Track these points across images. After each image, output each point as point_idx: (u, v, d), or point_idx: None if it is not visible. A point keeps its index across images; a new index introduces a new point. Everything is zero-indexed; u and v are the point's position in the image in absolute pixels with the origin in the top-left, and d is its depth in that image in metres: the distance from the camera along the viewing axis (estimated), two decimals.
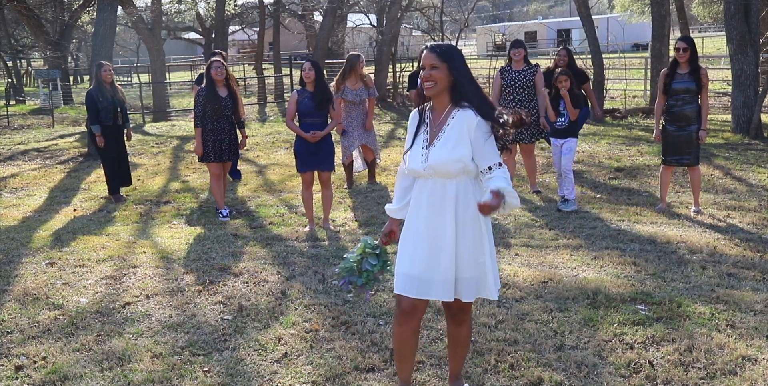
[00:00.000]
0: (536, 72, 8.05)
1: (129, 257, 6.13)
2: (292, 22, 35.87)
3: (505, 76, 8.07)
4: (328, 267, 5.64)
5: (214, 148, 7.39)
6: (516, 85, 8.00)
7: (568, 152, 7.43)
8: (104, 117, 8.54)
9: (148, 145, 13.34)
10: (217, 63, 7.33)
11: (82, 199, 8.97)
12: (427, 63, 3.17)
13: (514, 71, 8.07)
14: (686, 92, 6.98)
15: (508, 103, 8.03)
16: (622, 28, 31.66)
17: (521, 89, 8.00)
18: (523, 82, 7.98)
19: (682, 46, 6.94)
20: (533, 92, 8.02)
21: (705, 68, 7.09)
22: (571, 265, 5.59)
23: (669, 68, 7.11)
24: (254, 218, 7.63)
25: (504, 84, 8.07)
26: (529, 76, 8.01)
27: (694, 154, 7.13)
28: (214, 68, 7.29)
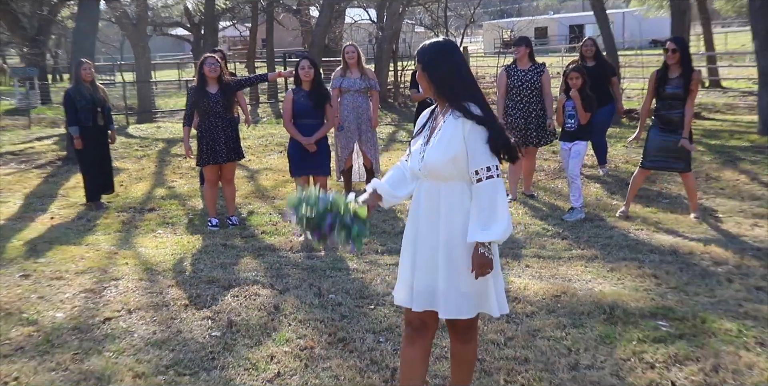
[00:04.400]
0: (543, 72, 8.03)
1: (110, 269, 6.10)
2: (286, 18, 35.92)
3: (511, 75, 8.07)
4: (325, 280, 5.61)
5: (208, 149, 7.33)
6: (523, 86, 7.98)
7: (576, 156, 7.40)
8: (83, 118, 8.53)
9: (132, 148, 13.33)
10: (211, 59, 7.32)
11: (60, 206, 8.95)
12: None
13: (519, 70, 8.06)
14: (674, 98, 7.01)
15: (516, 104, 8.02)
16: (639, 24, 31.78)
17: (528, 90, 7.98)
18: (530, 82, 7.97)
19: (671, 47, 6.95)
20: (540, 93, 8.01)
21: (698, 71, 7.10)
22: (585, 277, 5.56)
23: (661, 71, 7.11)
24: (245, 226, 7.60)
25: (510, 84, 8.06)
26: (536, 76, 7.99)
27: (685, 160, 7.16)
28: (208, 64, 7.26)
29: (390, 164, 10.55)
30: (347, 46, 8.66)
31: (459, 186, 3.15)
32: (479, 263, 3.04)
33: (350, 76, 8.56)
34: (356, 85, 8.52)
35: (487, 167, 3.06)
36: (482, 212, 3.04)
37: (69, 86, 8.88)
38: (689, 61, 7.01)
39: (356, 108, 8.58)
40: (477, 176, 3.07)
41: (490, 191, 3.05)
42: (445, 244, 3.15)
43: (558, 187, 8.91)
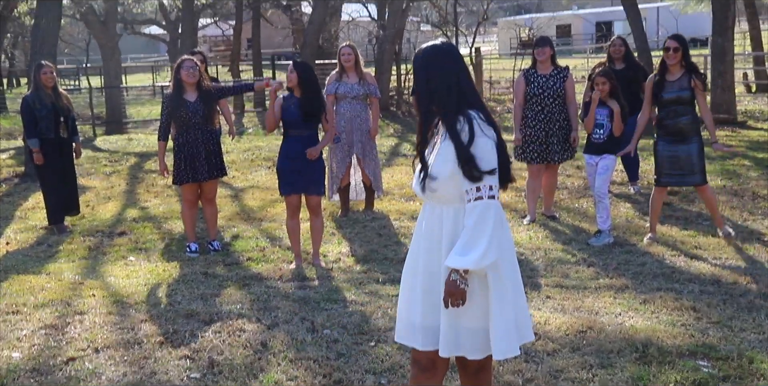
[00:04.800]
0: (567, 77, 8.08)
1: (74, 302, 6.12)
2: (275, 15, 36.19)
3: (531, 82, 8.09)
4: (319, 313, 5.63)
5: (186, 166, 7.38)
6: (544, 94, 8.01)
7: (604, 172, 7.44)
8: (44, 129, 8.59)
9: (99, 163, 13.40)
10: (188, 62, 7.37)
11: (17, 230, 8.99)
12: None
13: (540, 75, 8.10)
14: (678, 102, 7.11)
15: (536, 114, 8.06)
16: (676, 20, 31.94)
17: (550, 98, 8.01)
18: (553, 89, 8.00)
19: (673, 46, 7.06)
20: (564, 101, 8.05)
21: (700, 72, 7.22)
22: (615, 310, 5.58)
23: (657, 74, 7.20)
24: (229, 253, 7.63)
25: (529, 92, 8.08)
26: (558, 82, 8.04)
27: (700, 172, 7.25)
28: (185, 68, 7.31)
29: (392, 180, 10.61)
30: (343, 48, 8.75)
31: (462, 210, 3.20)
32: (448, 292, 3.13)
33: (347, 81, 8.63)
34: (354, 92, 8.59)
35: (477, 187, 3.12)
36: (465, 236, 3.12)
37: (27, 93, 8.95)
38: (690, 61, 7.15)
39: (354, 117, 8.64)
40: (467, 195, 3.14)
41: (477, 213, 3.11)
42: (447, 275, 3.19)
43: (583, 207, 8.95)
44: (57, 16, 13.18)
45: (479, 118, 3.20)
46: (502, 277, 3.21)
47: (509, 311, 3.22)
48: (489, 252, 3.09)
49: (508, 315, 3.21)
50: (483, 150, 3.14)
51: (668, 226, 7.96)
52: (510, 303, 3.23)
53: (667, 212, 8.44)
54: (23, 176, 12.19)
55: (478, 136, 3.15)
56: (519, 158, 8.30)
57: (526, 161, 8.26)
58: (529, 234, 7.84)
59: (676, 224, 8.05)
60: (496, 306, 3.20)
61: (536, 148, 8.12)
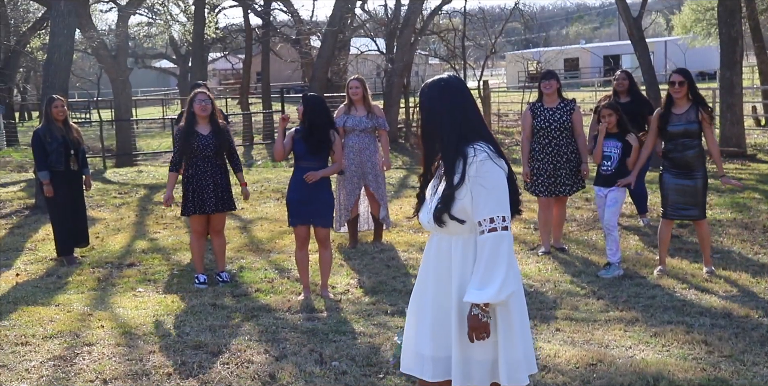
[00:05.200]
0: (573, 109, 8.13)
1: (83, 333, 6.13)
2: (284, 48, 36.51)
3: (537, 115, 8.14)
4: (327, 345, 5.62)
5: (194, 197, 7.42)
6: (551, 127, 8.04)
7: (613, 204, 7.46)
8: (54, 161, 8.65)
9: (109, 195, 13.47)
10: (202, 95, 7.46)
11: (26, 261, 9.02)
12: None
13: (546, 109, 8.14)
14: (686, 135, 7.13)
15: (543, 147, 8.10)
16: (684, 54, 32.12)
17: (557, 131, 8.05)
18: (560, 122, 8.04)
19: (678, 80, 7.10)
20: (572, 134, 8.09)
21: (707, 105, 7.24)
22: (625, 343, 5.56)
23: (663, 107, 7.24)
24: (237, 284, 7.64)
25: (536, 125, 8.13)
26: (565, 114, 8.08)
27: (700, 206, 7.27)
28: (197, 101, 7.39)
29: (400, 212, 10.62)
30: (352, 81, 8.82)
31: (472, 240, 3.22)
32: (471, 327, 3.14)
33: (355, 114, 8.69)
34: (362, 125, 8.65)
35: (490, 218, 3.14)
36: (479, 270, 3.13)
37: (38, 126, 9.03)
38: (697, 94, 7.17)
39: (363, 150, 8.69)
40: (480, 227, 3.15)
41: (490, 245, 3.12)
42: (458, 307, 3.21)
43: (592, 239, 8.94)
44: (69, 51, 13.34)
45: (489, 150, 3.22)
46: (509, 309, 3.23)
47: (518, 342, 3.24)
48: (507, 284, 3.11)
49: (516, 347, 3.23)
50: (495, 182, 3.17)
51: (678, 259, 7.94)
52: (518, 335, 3.25)
53: (676, 244, 8.42)
54: (34, 208, 12.25)
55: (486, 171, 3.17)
56: (529, 191, 8.32)
57: (536, 194, 8.28)
58: (538, 266, 7.83)
59: (686, 256, 8.03)
60: (504, 338, 3.21)
61: (545, 181, 8.14)
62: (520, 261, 7.99)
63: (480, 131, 3.29)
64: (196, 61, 21.77)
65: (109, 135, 23.06)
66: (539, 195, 8.24)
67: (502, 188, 3.20)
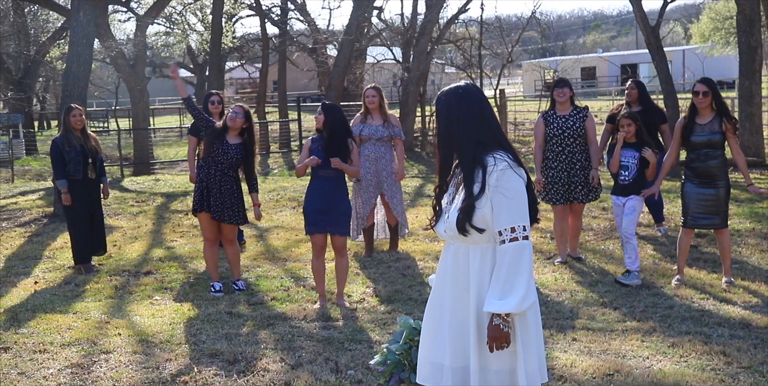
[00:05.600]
0: (586, 117, 8.13)
1: (100, 341, 6.16)
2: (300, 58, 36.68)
3: (550, 123, 8.15)
4: (343, 353, 5.63)
5: (201, 196, 7.46)
6: (564, 134, 8.05)
7: (631, 213, 7.44)
8: (72, 170, 8.71)
9: (126, 204, 13.54)
10: (237, 108, 7.48)
11: (45, 269, 9.08)
12: None
13: (559, 116, 8.15)
14: (709, 146, 7.10)
15: (556, 155, 8.10)
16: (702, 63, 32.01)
17: (570, 138, 8.05)
18: (572, 129, 8.05)
19: (702, 90, 7.06)
20: (585, 142, 8.08)
21: (732, 114, 7.21)
22: (642, 354, 5.53)
23: (687, 117, 7.21)
24: (253, 292, 7.66)
25: (549, 132, 8.14)
26: (578, 122, 8.08)
27: (722, 215, 7.24)
28: (232, 112, 7.45)
29: (417, 221, 10.63)
30: (368, 89, 8.85)
31: (490, 249, 3.22)
32: (492, 337, 3.14)
33: (371, 122, 8.72)
34: (378, 134, 8.67)
35: (511, 227, 3.14)
36: (500, 279, 3.12)
37: (57, 135, 9.10)
38: (722, 104, 7.14)
39: (378, 159, 8.71)
40: (500, 236, 3.15)
41: (511, 255, 3.12)
42: (476, 316, 3.21)
43: (609, 249, 8.91)
44: (88, 61, 13.45)
45: (509, 158, 3.23)
46: (527, 318, 3.23)
47: (533, 351, 3.25)
48: (529, 294, 3.11)
49: (533, 355, 3.24)
50: (516, 191, 3.18)
51: (696, 269, 7.90)
52: (534, 344, 3.26)
53: (695, 254, 8.38)
54: (52, 217, 12.33)
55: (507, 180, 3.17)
56: (543, 200, 8.32)
57: (550, 203, 8.27)
58: (554, 276, 7.81)
59: (704, 266, 7.99)
60: (522, 347, 3.21)
61: (559, 189, 8.13)
62: (537, 270, 7.97)
63: (498, 139, 3.30)
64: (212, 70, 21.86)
65: (126, 144, 23.20)
66: (554, 203, 8.23)
67: (523, 198, 3.20)
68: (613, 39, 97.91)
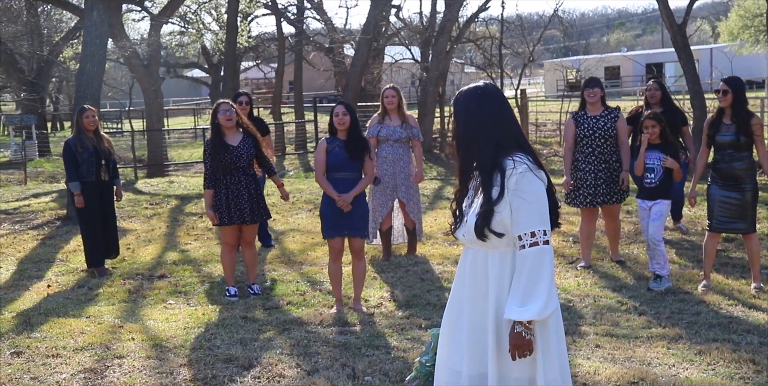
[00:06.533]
0: (618, 117, 8.10)
1: (114, 345, 6.20)
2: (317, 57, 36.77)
3: (580, 124, 8.13)
4: (360, 359, 5.63)
5: (228, 208, 7.47)
6: (595, 135, 8.03)
7: (658, 218, 7.40)
8: (85, 172, 8.76)
9: (140, 206, 13.61)
10: (225, 105, 7.52)
11: (58, 272, 9.14)
12: None
13: (590, 117, 8.13)
14: (732, 146, 7.05)
15: (586, 156, 8.07)
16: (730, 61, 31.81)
17: (601, 139, 8.03)
18: (603, 130, 8.01)
19: (723, 88, 7.02)
20: (616, 142, 8.05)
21: (756, 116, 7.15)
22: (668, 361, 5.50)
23: (714, 116, 7.18)
24: (269, 297, 7.68)
25: (579, 134, 8.11)
26: (609, 122, 8.06)
27: (749, 219, 7.19)
28: (221, 112, 7.45)
29: (435, 225, 10.62)
30: (387, 90, 8.86)
31: (509, 254, 3.22)
32: (514, 345, 3.13)
33: (389, 123, 8.73)
34: (396, 135, 8.68)
35: (531, 232, 3.14)
36: (521, 286, 3.12)
37: (70, 136, 9.16)
38: (744, 104, 7.08)
39: (396, 161, 8.71)
40: (520, 241, 3.15)
41: (532, 260, 3.11)
42: (495, 322, 3.21)
43: (634, 253, 8.86)
44: (101, 61, 13.53)
45: (528, 161, 3.22)
46: (548, 324, 3.22)
47: (554, 358, 3.24)
48: (551, 300, 3.11)
49: (554, 363, 3.23)
50: (535, 195, 3.17)
51: (724, 274, 7.85)
52: (555, 351, 3.24)
53: (722, 259, 8.33)
54: (65, 219, 12.41)
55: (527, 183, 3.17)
56: (570, 203, 8.30)
57: (578, 205, 8.24)
58: (577, 281, 7.78)
59: (732, 272, 7.94)
60: (543, 354, 3.20)
61: (586, 191, 8.10)
62: (559, 275, 7.95)
63: (518, 141, 3.29)
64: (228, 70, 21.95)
65: (140, 145, 23.33)
66: (582, 206, 8.19)
67: (543, 201, 3.19)
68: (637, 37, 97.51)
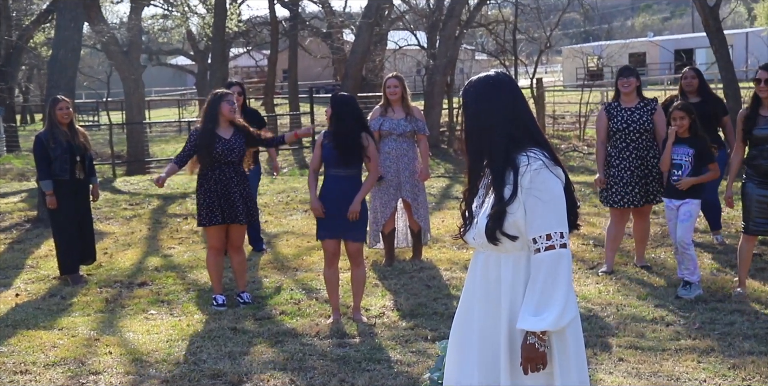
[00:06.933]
0: (655, 109, 8.06)
1: (89, 360, 6.20)
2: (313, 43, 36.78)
3: (613, 116, 8.09)
4: (360, 374, 5.63)
5: (220, 205, 7.47)
6: (629, 129, 7.97)
7: (687, 219, 7.37)
8: (58, 170, 8.74)
9: (119, 207, 13.62)
10: (231, 96, 7.57)
11: (27, 280, 9.14)
12: None
13: (624, 109, 8.09)
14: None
15: (620, 151, 8.02)
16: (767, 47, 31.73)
17: (636, 133, 7.98)
18: (639, 123, 7.96)
19: (764, 77, 7.00)
20: (654, 137, 8.01)
21: None
22: (699, 376, 5.50)
23: (749, 108, 7.16)
24: (260, 306, 7.68)
25: (612, 127, 8.08)
26: (645, 115, 8.02)
27: None
28: (228, 101, 7.50)
29: (443, 226, 10.62)
30: (389, 79, 8.85)
31: (524, 258, 3.22)
32: (526, 357, 3.13)
33: (392, 116, 8.72)
34: (400, 128, 8.67)
35: (547, 234, 3.13)
36: (535, 293, 3.12)
37: (41, 130, 9.15)
38: None
39: (400, 157, 8.70)
40: (535, 245, 3.15)
41: (547, 265, 3.11)
42: (508, 333, 3.21)
43: (660, 257, 8.86)
44: (76, 47, 13.53)
45: (544, 157, 3.21)
46: (565, 335, 3.22)
47: (573, 372, 3.23)
48: (568, 309, 3.11)
49: (572, 377, 3.22)
50: (552, 194, 3.16)
51: (760, 280, 7.84)
52: (574, 365, 3.24)
53: (759, 264, 8.32)
54: (35, 221, 12.41)
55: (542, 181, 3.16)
56: (602, 202, 8.31)
57: (610, 205, 8.20)
58: (598, 287, 7.77)
59: None
60: (560, 367, 3.20)
61: (620, 190, 8.04)
62: (579, 281, 7.94)
63: (533, 135, 3.28)
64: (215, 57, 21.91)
65: (119, 140, 23.32)
66: (613, 206, 8.16)
67: (560, 201, 3.19)
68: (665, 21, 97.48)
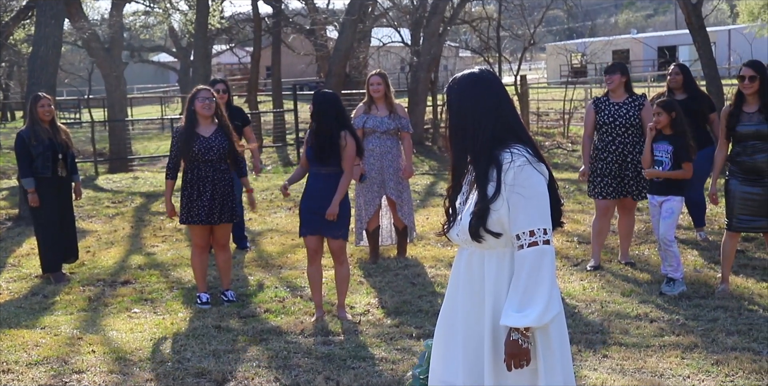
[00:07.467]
0: (643, 105, 8.14)
1: (72, 359, 6.18)
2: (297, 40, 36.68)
3: (601, 110, 8.19)
4: (345, 372, 5.63)
5: (199, 205, 7.46)
6: (616, 123, 8.08)
7: (669, 216, 7.41)
8: (40, 167, 8.72)
9: (101, 204, 13.57)
10: (205, 92, 7.51)
11: (9, 279, 9.11)
12: None
13: (612, 103, 8.19)
14: (757, 137, 7.06)
15: (607, 145, 8.11)
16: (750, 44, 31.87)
17: (623, 128, 8.07)
18: (625, 118, 8.07)
19: (748, 74, 7.03)
20: (640, 132, 8.07)
21: None
22: (682, 372, 5.53)
23: (733, 105, 7.19)
24: (244, 304, 7.67)
25: (599, 120, 8.17)
26: (632, 110, 8.10)
27: None
28: (200, 99, 7.43)
29: (427, 224, 10.63)
30: (373, 76, 8.86)
31: (508, 255, 3.23)
32: (510, 354, 3.14)
33: (376, 113, 8.72)
34: (383, 126, 8.67)
35: (530, 231, 3.14)
36: (518, 290, 3.13)
37: (22, 128, 9.12)
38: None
39: (384, 154, 8.71)
40: (518, 241, 3.16)
41: (531, 262, 3.12)
42: (492, 330, 3.22)
43: (644, 254, 8.90)
44: (57, 43, 13.46)
45: (528, 153, 3.22)
46: (549, 332, 3.24)
47: (557, 369, 3.25)
48: (551, 305, 3.12)
49: (556, 374, 3.24)
50: (535, 190, 3.17)
51: (743, 276, 7.89)
52: (558, 361, 3.25)
53: (741, 260, 8.36)
54: (17, 219, 12.36)
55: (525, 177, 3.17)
56: (589, 194, 8.39)
57: (596, 197, 8.26)
58: (583, 284, 7.80)
59: (753, 274, 7.98)
60: (544, 365, 3.21)
61: (609, 182, 8.12)
62: (563, 278, 7.97)
63: (517, 132, 3.29)
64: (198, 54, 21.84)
65: (101, 137, 23.24)
66: (600, 197, 8.21)
67: (543, 197, 3.20)
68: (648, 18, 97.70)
